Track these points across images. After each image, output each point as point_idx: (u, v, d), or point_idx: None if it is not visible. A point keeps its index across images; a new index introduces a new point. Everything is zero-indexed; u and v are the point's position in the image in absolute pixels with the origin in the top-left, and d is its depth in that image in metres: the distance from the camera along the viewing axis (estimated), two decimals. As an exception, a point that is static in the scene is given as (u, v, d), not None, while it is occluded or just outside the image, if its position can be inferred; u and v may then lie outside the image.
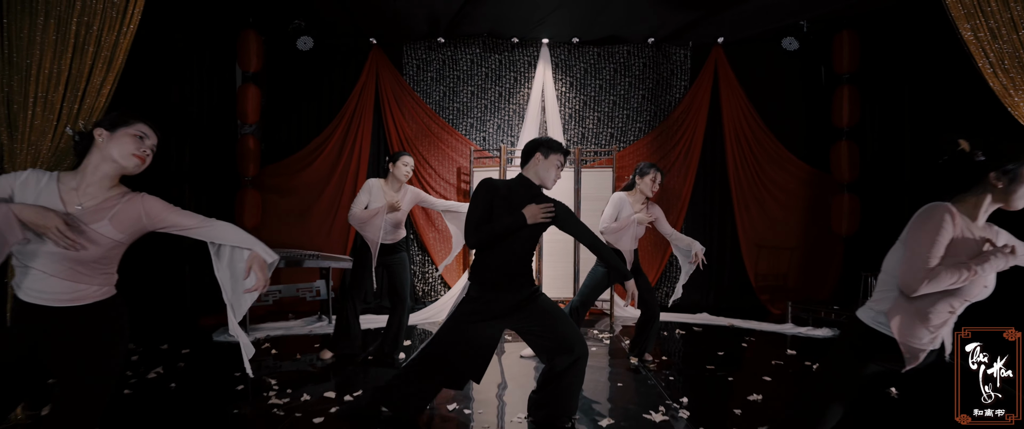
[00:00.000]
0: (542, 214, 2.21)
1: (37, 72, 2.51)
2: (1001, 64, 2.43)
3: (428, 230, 5.52)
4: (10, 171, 2.52)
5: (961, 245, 1.48)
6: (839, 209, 5.17)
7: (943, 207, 1.50)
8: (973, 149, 1.52)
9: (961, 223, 1.50)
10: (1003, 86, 2.43)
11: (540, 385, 2.40)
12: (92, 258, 1.48)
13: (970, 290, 1.47)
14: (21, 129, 2.53)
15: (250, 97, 5.17)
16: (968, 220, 1.52)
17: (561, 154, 2.34)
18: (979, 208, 1.52)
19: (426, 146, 5.50)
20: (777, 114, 5.48)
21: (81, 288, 1.49)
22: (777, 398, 2.91)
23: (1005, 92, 2.43)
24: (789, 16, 4.97)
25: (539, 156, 2.33)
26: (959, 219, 1.50)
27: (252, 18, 5.07)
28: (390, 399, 2.38)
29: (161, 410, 2.63)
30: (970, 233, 1.50)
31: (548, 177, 2.33)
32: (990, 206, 1.53)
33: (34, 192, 1.48)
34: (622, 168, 5.39)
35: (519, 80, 5.60)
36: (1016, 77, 2.43)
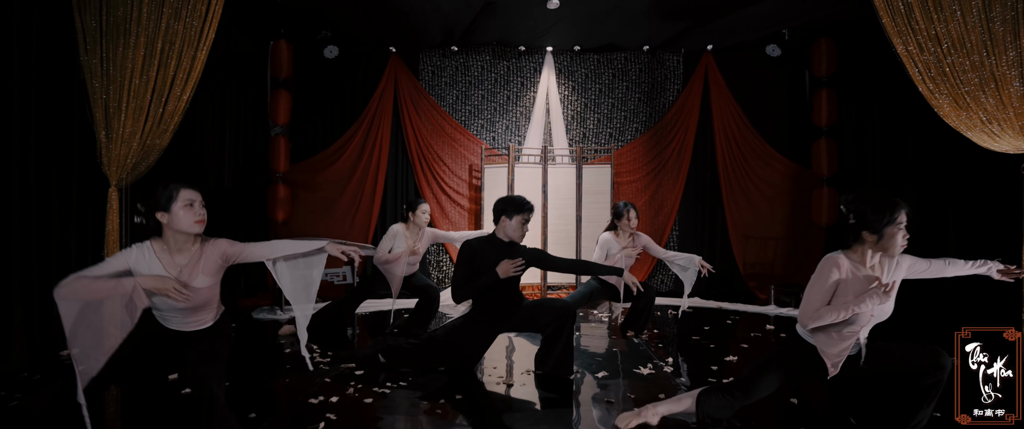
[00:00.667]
0: (512, 269, 2.67)
1: (129, 83, 3.04)
2: (928, 72, 2.91)
3: (442, 222, 6.03)
4: (107, 165, 3.06)
5: (850, 285, 1.86)
6: (819, 201, 5.65)
7: (833, 259, 1.90)
8: (847, 213, 1.90)
9: (848, 268, 1.88)
10: (929, 90, 2.92)
11: (541, 346, 2.92)
12: (202, 301, 1.99)
13: (862, 318, 1.85)
14: (116, 130, 3.06)
15: (282, 100, 5.72)
16: (858, 265, 1.90)
17: (526, 212, 2.70)
18: (865, 256, 1.90)
19: (440, 145, 6.02)
20: (762, 115, 5.96)
21: (201, 318, 2.04)
22: (750, 361, 3.40)
23: (931, 95, 2.92)
24: (772, 25, 5.46)
25: (504, 219, 2.72)
26: (847, 265, 1.88)
27: (284, 29, 5.62)
28: (396, 357, 2.89)
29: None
30: (857, 276, 1.87)
31: (516, 235, 2.72)
32: (875, 254, 1.89)
33: (145, 263, 1.88)
34: (619, 165, 5.89)
35: (525, 85, 6.11)
36: (941, 84, 2.91)
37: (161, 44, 3.00)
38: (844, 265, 1.89)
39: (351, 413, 2.38)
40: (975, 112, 2.89)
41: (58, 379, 1.92)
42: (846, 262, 1.90)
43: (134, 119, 3.04)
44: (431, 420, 2.34)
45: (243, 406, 2.40)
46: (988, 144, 2.92)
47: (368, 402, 2.52)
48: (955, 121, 2.93)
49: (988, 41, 2.82)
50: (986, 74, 2.84)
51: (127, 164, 3.05)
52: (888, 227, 1.82)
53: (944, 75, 2.88)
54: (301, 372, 2.96)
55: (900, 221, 1.83)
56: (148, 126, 3.06)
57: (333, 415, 2.33)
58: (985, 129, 2.89)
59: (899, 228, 1.83)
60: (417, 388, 2.70)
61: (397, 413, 2.40)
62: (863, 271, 1.90)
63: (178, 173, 4.58)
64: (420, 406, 2.49)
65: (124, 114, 3.03)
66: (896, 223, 1.82)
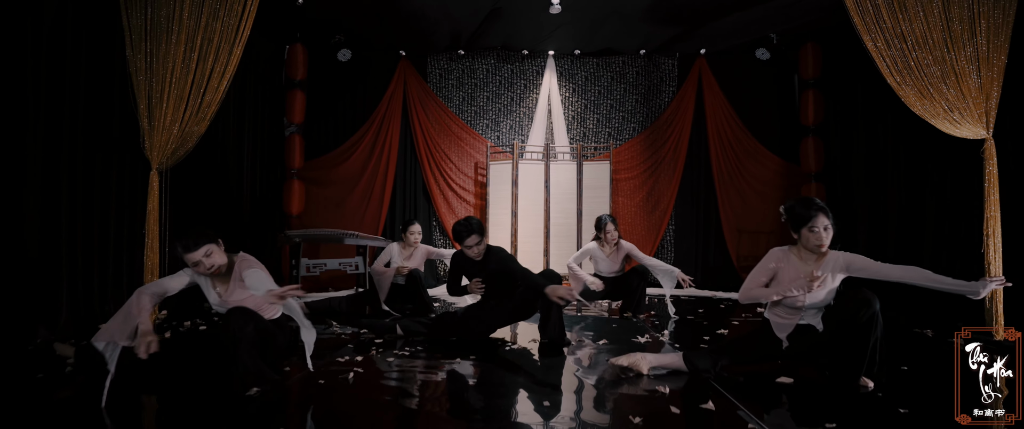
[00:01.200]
0: (476, 289, 3.25)
1: (170, 76, 3.35)
2: (895, 65, 3.22)
3: (449, 217, 6.32)
4: (149, 151, 3.36)
5: (786, 274, 2.19)
6: (808, 195, 5.94)
7: (776, 251, 2.26)
8: (783, 213, 2.25)
9: (788, 259, 2.20)
10: (896, 82, 3.23)
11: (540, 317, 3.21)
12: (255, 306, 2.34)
13: (796, 301, 2.17)
14: (158, 119, 3.36)
15: (297, 101, 6.04)
16: (795, 259, 2.21)
17: (464, 237, 3.07)
18: (802, 251, 2.21)
19: (447, 144, 6.33)
20: (753, 115, 6.28)
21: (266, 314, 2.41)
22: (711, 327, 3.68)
23: (898, 87, 3.22)
24: (761, 30, 5.81)
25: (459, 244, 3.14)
26: (788, 257, 2.21)
27: (300, 33, 5.96)
28: (412, 330, 3.19)
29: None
30: (795, 267, 2.19)
31: (471, 255, 3.14)
32: (809, 246, 2.17)
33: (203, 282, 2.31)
34: (618, 162, 6.20)
35: (528, 87, 6.44)
36: (907, 76, 3.22)
37: (200, 41, 3.32)
38: (784, 257, 2.23)
39: (376, 368, 2.65)
40: (938, 102, 3.19)
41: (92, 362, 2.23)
42: (788, 255, 2.23)
43: (174, 109, 3.34)
44: (448, 372, 2.60)
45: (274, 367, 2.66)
46: (951, 130, 3.21)
47: (391, 360, 2.78)
48: (921, 110, 3.23)
49: (948, 38, 3.13)
50: (947, 68, 3.15)
51: (167, 149, 3.35)
52: (802, 228, 2.15)
53: (909, 68, 3.18)
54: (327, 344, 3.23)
55: (814, 225, 2.12)
56: (187, 115, 3.36)
57: (360, 369, 2.59)
58: (948, 117, 3.19)
59: (811, 230, 2.12)
60: (435, 350, 2.97)
61: (417, 368, 2.67)
62: (802, 265, 2.20)
63: (204, 167, 4.86)
64: (439, 363, 2.75)
65: (166, 104, 3.33)
66: (809, 226, 2.13)
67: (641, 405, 2.11)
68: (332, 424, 1.96)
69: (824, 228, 2.13)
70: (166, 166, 3.40)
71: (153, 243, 3.36)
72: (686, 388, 2.31)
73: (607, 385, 2.37)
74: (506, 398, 2.28)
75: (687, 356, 2.46)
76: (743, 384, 2.35)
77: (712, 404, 2.07)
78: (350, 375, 2.48)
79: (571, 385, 2.47)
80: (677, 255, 6.39)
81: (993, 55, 3.12)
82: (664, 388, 2.28)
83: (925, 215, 4.71)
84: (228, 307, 2.26)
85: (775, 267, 2.23)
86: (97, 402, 2.02)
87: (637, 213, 6.31)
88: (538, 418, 2.02)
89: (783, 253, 2.25)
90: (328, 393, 2.26)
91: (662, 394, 2.22)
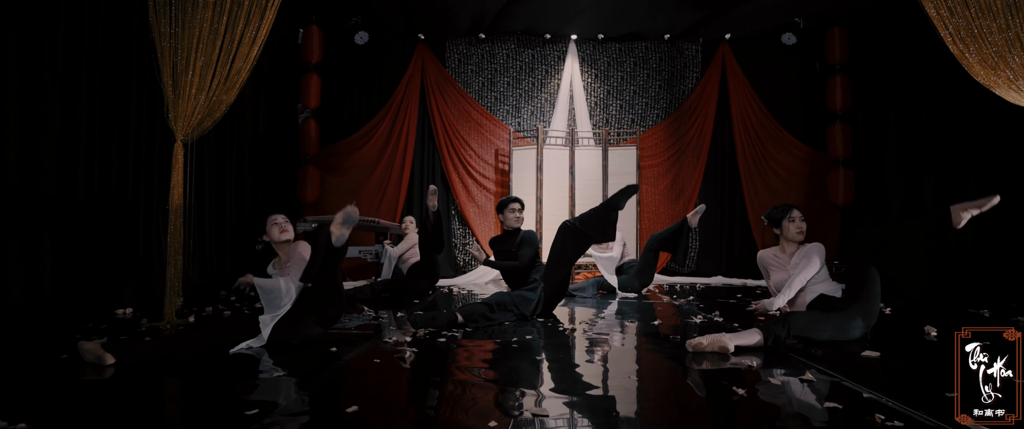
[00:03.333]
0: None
1: (197, 42, 3.14)
2: (958, 34, 3.11)
3: (469, 205, 6.13)
4: (173, 120, 3.15)
5: (775, 265, 2.75)
6: (835, 183, 5.85)
7: (761, 255, 2.84)
8: (764, 220, 2.84)
9: (773, 255, 2.77)
10: (960, 51, 3.12)
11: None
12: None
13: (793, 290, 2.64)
14: (184, 87, 3.15)
15: (313, 85, 5.83)
16: (781, 253, 2.76)
17: (513, 202, 3.51)
18: (784, 244, 2.76)
19: (467, 130, 6.15)
20: (778, 101, 6.17)
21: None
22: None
23: (962, 56, 3.11)
24: (786, 14, 5.71)
25: (499, 217, 3.58)
26: (772, 254, 2.78)
27: (316, 15, 5.76)
28: (473, 317, 2.94)
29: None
30: (779, 258, 2.76)
31: (507, 223, 3.53)
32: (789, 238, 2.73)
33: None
34: (643, 149, 6.06)
35: (550, 72, 6.29)
36: (970, 44, 3.11)
37: (229, 4, 3.12)
38: (767, 258, 2.81)
39: (430, 347, 2.47)
40: (1003, 71, 3.09)
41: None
42: (769, 254, 2.81)
43: (201, 77, 3.14)
44: (501, 350, 2.42)
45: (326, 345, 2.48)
46: (1017, 100, 3.11)
47: (441, 341, 2.60)
48: (985, 79, 3.13)
49: (1012, 4, 3.02)
50: (1011, 36, 3.04)
51: (193, 119, 3.14)
52: (783, 221, 2.73)
53: (973, 37, 3.08)
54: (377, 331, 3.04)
55: (792, 215, 2.70)
56: (215, 83, 3.16)
57: (415, 348, 2.41)
58: (1013, 86, 3.08)
59: (791, 220, 2.70)
60: (485, 333, 2.79)
61: (471, 348, 2.49)
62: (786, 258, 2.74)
63: (214, 143, 4.66)
64: (489, 343, 2.57)
65: (192, 71, 3.12)
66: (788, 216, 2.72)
67: (738, 378, 1.95)
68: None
69: (800, 218, 2.71)
70: (191, 138, 3.19)
71: (177, 221, 3.14)
72: (777, 361, 2.16)
73: (692, 359, 2.20)
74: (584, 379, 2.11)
75: (766, 328, 2.32)
76: (835, 358, 2.21)
77: (811, 375, 1.92)
78: (407, 354, 2.30)
79: (651, 363, 2.30)
80: (702, 244, 6.26)
81: (1058, 22, 3.01)
82: (752, 362, 2.13)
83: (966, 197, 4.60)
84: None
85: (766, 268, 2.79)
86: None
87: (662, 201, 6.17)
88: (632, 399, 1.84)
89: (765, 256, 2.81)
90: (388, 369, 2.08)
91: (751, 367, 2.07)
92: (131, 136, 3.63)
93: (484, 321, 2.93)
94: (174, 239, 3.15)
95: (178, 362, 2.15)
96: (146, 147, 3.74)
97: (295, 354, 2.30)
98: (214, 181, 4.62)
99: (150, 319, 3.03)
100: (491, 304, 3.01)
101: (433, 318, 2.85)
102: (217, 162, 4.68)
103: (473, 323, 2.89)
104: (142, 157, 3.72)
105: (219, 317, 3.19)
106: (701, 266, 6.11)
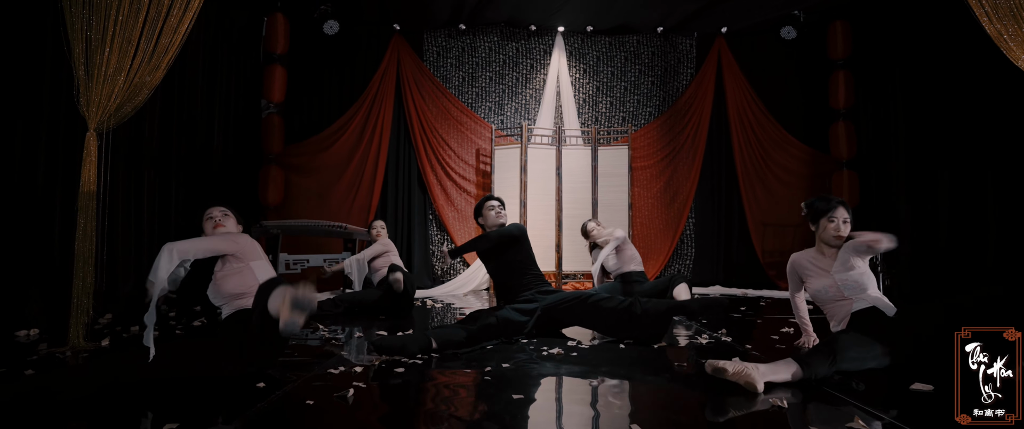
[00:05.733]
0: None
1: (116, 13, 2.65)
2: (995, 13, 2.75)
3: (447, 208, 5.67)
4: (85, 106, 2.66)
5: (812, 271, 2.23)
6: (839, 185, 5.48)
7: (794, 259, 2.32)
8: (804, 208, 2.28)
9: (807, 264, 2.25)
10: (997, 32, 2.75)
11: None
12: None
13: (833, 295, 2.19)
14: (98, 65, 2.65)
15: (277, 77, 5.33)
16: (813, 257, 2.26)
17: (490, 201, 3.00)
18: (821, 246, 2.25)
19: (446, 129, 5.70)
20: (777, 99, 5.81)
21: None
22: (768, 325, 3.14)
23: (999, 37, 2.75)
24: (785, 6, 5.36)
25: (478, 222, 3.04)
26: (806, 257, 2.27)
27: (281, 1, 5.28)
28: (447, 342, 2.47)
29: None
30: (817, 262, 2.24)
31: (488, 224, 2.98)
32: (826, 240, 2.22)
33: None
34: (635, 149, 5.65)
35: (535, 66, 5.87)
36: (1010, 25, 2.74)
37: (156, -32, 2.65)
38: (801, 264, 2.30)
39: (385, 379, 2.00)
40: (1045, 54, 2.73)
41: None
42: (804, 259, 2.30)
43: (120, 53, 2.65)
44: (472, 385, 1.96)
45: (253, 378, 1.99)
46: (1059, 88, 2.76)
47: (400, 370, 2.13)
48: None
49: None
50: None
51: (111, 105, 2.65)
52: (822, 218, 2.21)
53: (1012, 15, 2.72)
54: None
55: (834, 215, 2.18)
56: (137, 61, 2.67)
57: (402, 368, 1.95)
58: (1055, 72, 2.73)
59: (830, 220, 2.19)
60: (460, 360, 2.32)
61: (430, 384, 2.02)
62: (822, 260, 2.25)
63: (159, 137, 4.16)
64: (461, 375, 2.11)
65: (109, 48, 2.64)
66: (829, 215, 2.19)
67: (766, 422, 1.51)
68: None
69: (843, 221, 2.19)
70: (107, 127, 2.69)
71: (88, 226, 2.63)
72: (812, 395, 1.73)
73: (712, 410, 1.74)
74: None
75: (805, 361, 1.86)
76: (882, 393, 1.78)
77: (862, 422, 1.48)
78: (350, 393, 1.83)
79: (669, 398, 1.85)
80: (698, 251, 5.85)
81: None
82: (783, 400, 1.69)
83: (986, 202, 4.26)
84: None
85: (799, 277, 2.32)
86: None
87: (655, 205, 5.76)
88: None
89: (800, 259, 2.31)
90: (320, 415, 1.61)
91: (781, 407, 1.63)
92: (43, 124, 3.12)
93: (464, 347, 2.45)
94: (83, 247, 2.63)
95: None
96: (63, 137, 3.23)
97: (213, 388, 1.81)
98: (157, 183, 4.11)
99: (50, 344, 2.52)
100: (471, 331, 2.51)
101: (402, 346, 2.35)
102: (162, 161, 4.17)
103: (450, 349, 2.41)
104: (57, 149, 3.20)
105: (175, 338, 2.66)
106: (698, 275, 5.69)
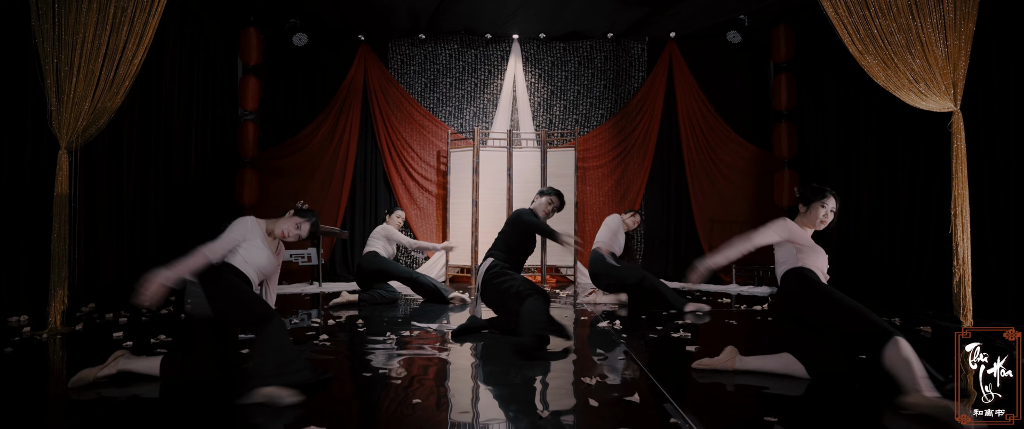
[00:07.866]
0: None
1: (81, 47, 3.07)
2: (857, 33, 3.03)
3: (411, 207, 6.06)
4: (57, 130, 3.08)
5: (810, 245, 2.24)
6: (781, 183, 5.77)
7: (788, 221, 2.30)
8: (797, 191, 2.36)
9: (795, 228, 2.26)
10: (859, 52, 3.04)
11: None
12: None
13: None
14: (67, 93, 3.08)
15: (250, 87, 5.76)
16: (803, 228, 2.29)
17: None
18: (805, 223, 2.29)
19: (409, 132, 6.08)
20: (725, 100, 6.09)
21: None
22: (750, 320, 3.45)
23: (861, 56, 3.04)
24: (729, 12, 5.61)
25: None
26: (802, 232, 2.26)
27: (253, 16, 5.68)
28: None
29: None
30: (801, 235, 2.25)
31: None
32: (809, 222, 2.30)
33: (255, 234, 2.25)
34: (585, 149, 5.99)
35: (493, 72, 6.21)
36: (870, 45, 3.03)
37: (113, 9, 3.05)
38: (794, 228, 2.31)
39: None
40: (903, 72, 3.01)
41: None
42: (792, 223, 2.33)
43: (85, 83, 3.07)
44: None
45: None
46: (917, 103, 3.04)
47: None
48: (884, 81, 3.05)
49: (913, 4, 2.95)
50: (912, 36, 2.97)
51: (78, 127, 3.07)
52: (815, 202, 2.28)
53: (872, 37, 3.00)
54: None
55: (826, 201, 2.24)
56: (99, 89, 3.09)
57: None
58: (913, 89, 3.01)
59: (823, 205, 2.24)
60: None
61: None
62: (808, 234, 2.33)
63: (138, 146, 4.59)
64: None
65: (75, 78, 3.06)
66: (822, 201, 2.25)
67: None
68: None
69: (831, 210, 2.25)
70: (76, 145, 3.12)
71: (62, 230, 3.08)
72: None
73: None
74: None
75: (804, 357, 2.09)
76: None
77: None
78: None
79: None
80: (647, 246, 6.19)
81: (961, 22, 2.94)
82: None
83: (897, 198, 4.54)
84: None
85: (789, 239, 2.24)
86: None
87: (605, 202, 6.10)
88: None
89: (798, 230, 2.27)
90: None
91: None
92: (27, 144, 3.56)
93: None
94: (58, 247, 3.08)
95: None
96: (45, 154, 3.67)
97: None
98: (137, 186, 4.56)
99: (33, 328, 2.97)
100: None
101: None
102: (142, 166, 4.61)
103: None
104: (41, 163, 3.65)
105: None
106: (647, 269, 6.03)
